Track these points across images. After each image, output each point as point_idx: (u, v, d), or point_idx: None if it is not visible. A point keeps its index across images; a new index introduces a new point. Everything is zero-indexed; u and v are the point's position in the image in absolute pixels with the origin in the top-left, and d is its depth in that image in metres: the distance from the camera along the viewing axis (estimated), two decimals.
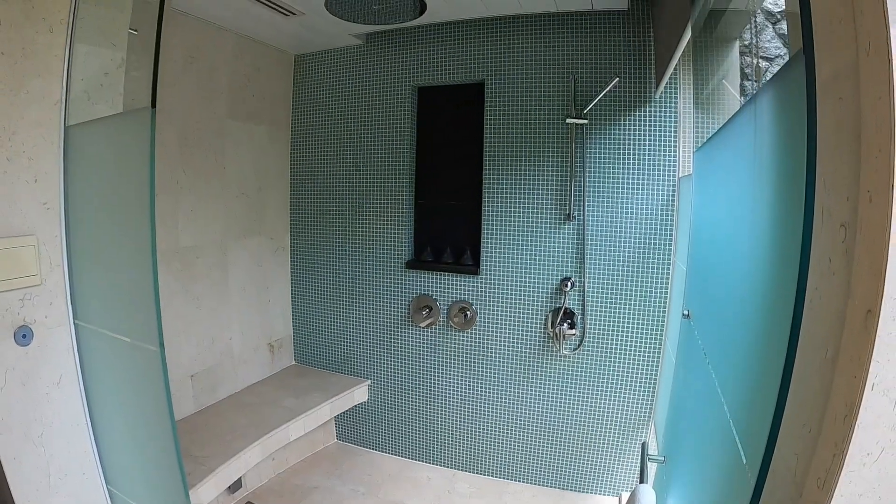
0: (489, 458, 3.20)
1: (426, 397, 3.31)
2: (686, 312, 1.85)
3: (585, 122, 2.75)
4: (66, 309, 1.50)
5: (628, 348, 2.81)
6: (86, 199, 1.47)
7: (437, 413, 3.29)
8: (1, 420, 1.40)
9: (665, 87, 2.63)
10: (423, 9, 2.37)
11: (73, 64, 1.48)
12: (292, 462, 3.24)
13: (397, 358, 3.36)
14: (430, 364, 3.28)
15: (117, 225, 1.41)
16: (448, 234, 3.24)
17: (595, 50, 2.78)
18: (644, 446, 2.14)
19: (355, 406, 3.44)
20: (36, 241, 1.42)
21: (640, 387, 2.83)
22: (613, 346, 2.84)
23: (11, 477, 1.44)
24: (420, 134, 3.28)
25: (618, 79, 2.70)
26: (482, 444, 3.20)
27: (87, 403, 1.56)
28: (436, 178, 3.26)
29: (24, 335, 1.41)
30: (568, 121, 2.76)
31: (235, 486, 2.81)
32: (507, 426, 3.13)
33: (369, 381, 3.45)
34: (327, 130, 3.46)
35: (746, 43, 2.41)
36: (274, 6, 2.67)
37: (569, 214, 2.82)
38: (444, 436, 3.29)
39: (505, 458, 3.16)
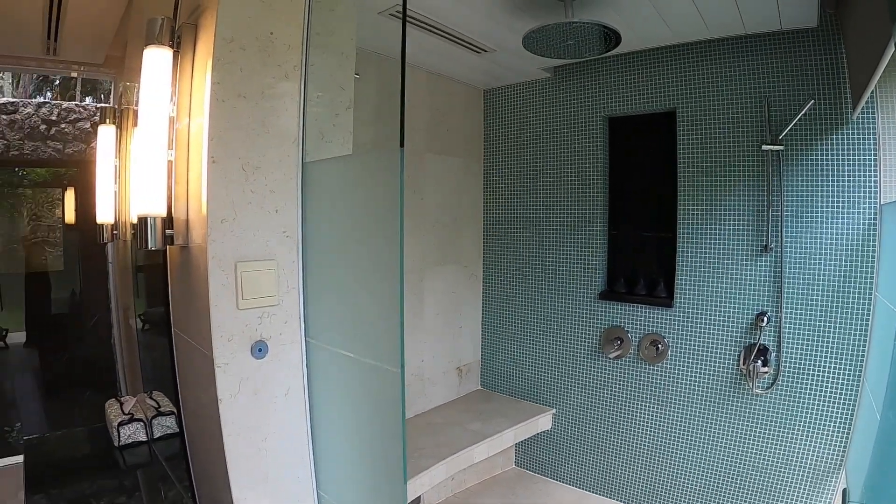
0: (669, 497, 3.11)
1: (610, 429, 3.27)
2: None
3: (781, 148, 2.64)
4: (299, 327, 1.66)
5: (823, 388, 2.64)
6: (321, 228, 1.62)
7: (620, 446, 3.24)
8: (232, 423, 1.56)
9: (863, 107, 2.49)
10: (617, 41, 2.41)
11: (307, 106, 1.64)
12: (470, 484, 3.32)
13: (584, 388, 3.35)
14: (618, 396, 3.23)
15: (357, 254, 1.55)
16: (641, 265, 3.22)
17: (786, 71, 2.67)
18: (845, 493, 2.03)
19: (537, 434, 3.45)
20: (276, 265, 1.59)
21: (833, 430, 2.64)
22: (808, 386, 2.67)
23: (233, 475, 1.59)
24: (612, 164, 3.28)
25: (812, 101, 2.59)
26: (663, 481, 3.11)
27: (310, 414, 1.70)
28: (629, 209, 3.25)
29: (259, 349, 1.57)
30: (764, 147, 2.67)
31: (415, 502, 2.92)
32: (691, 465, 3.01)
33: (554, 410, 3.46)
34: (518, 161, 3.56)
35: None
36: (468, 45, 2.81)
37: (766, 245, 2.70)
38: (625, 470, 3.23)
39: (686, 497, 3.05)
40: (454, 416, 3.31)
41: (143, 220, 1.58)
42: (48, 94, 8.77)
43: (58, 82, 8.81)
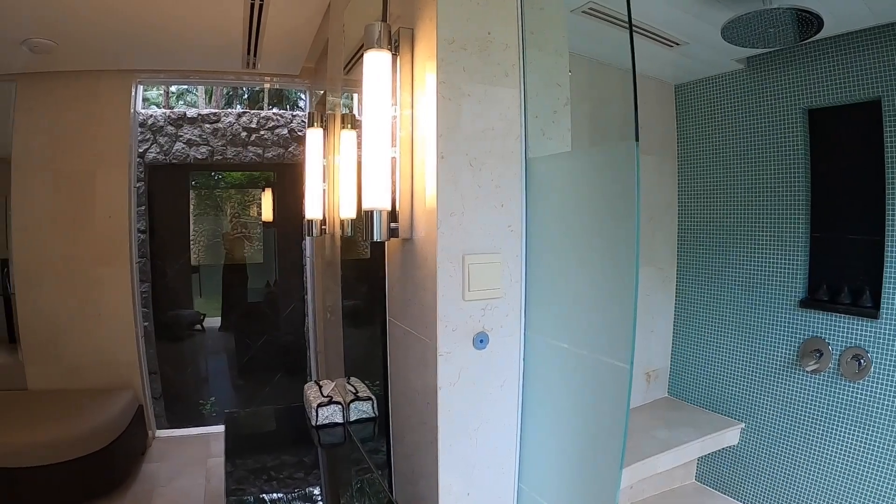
0: None
1: (802, 449, 3.00)
2: None
3: None
4: (519, 320, 1.70)
5: None
6: (544, 222, 1.65)
7: (812, 469, 2.95)
8: (448, 411, 1.62)
9: None
10: (819, 26, 2.28)
11: (527, 103, 1.68)
12: (646, 495, 3.22)
13: (776, 403, 3.11)
14: (813, 414, 2.96)
15: (583, 248, 1.56)
16: (846, 272, 2.94)
17: None
18: None
19: (723, 448, 3.29)
20: (501, 259, 1.64)
21: None
22: None
23: (443, 461, 1.65)
24: (814, 160, 3.07)
25: None
26: None
27: (521, 407, 1.73)
28: (834, 209, 3.00)
29: (481, 340, 1.62)
30: None
31: None
32: (891, 496, 2.76)
33: (743, 425, 3.27)
34: (712, 159, 3.41)
35: None
36: (660, 39, 2.75)
37: None
38: (816, 496, 2.95)
39: None
40: (640, 422, 3.21)
41: (369, 214, 1.68)
42: (238, 106, 9.51)
43: (246, 95, 9.55)
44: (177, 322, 5.84)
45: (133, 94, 4.67)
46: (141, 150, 5.35)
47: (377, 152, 1.69)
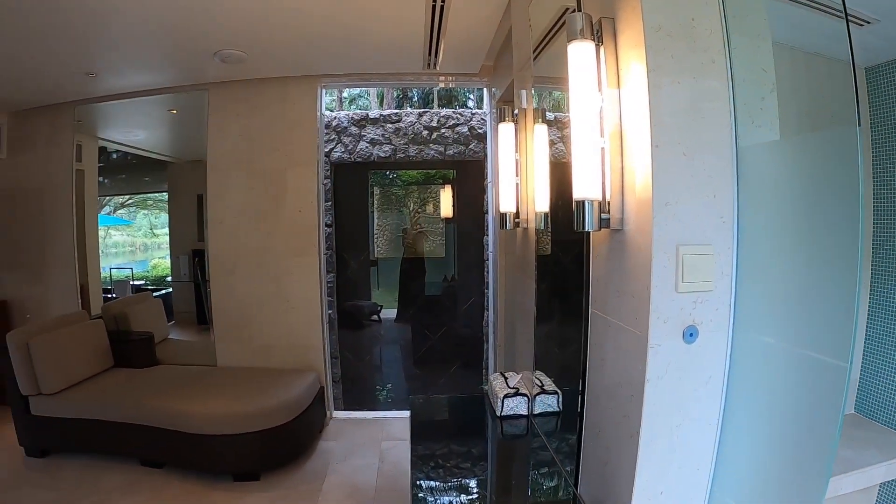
0: None
1: None
2: None
3: None
4: (728, 315, 1.63)
5: None
6: (755, 213, 1.59)
7: None
8: (653, 405, 1.61)
9: None
10: None
11: (735, 90, 1.63)
12: None
13: None
14: None
15: (800, 241, 1.49)
16: None
17: None
18: None
19: None
20: (712, 251, 1.59)
21: None
22: None
23: (642, 456, 1.64)
24: None
25: None
26: None
27: (724, 405, 1.68)
28: None
29: (690, 334, 1.59)
30: None
31: None
32: None
33: None
34: None
35: None
36: (851, 18, 2.57)
37: None
38: None
39: None
40: None
41: (580, 204, 1.69)
42: (407, 107, 9.89)
43: (415, 98, 9.91)
44: (357, 311, 6.20)
45: (318, 97, 4.99)
46: (327, 150, 5.74)
47: (586, 142, 1.70)
